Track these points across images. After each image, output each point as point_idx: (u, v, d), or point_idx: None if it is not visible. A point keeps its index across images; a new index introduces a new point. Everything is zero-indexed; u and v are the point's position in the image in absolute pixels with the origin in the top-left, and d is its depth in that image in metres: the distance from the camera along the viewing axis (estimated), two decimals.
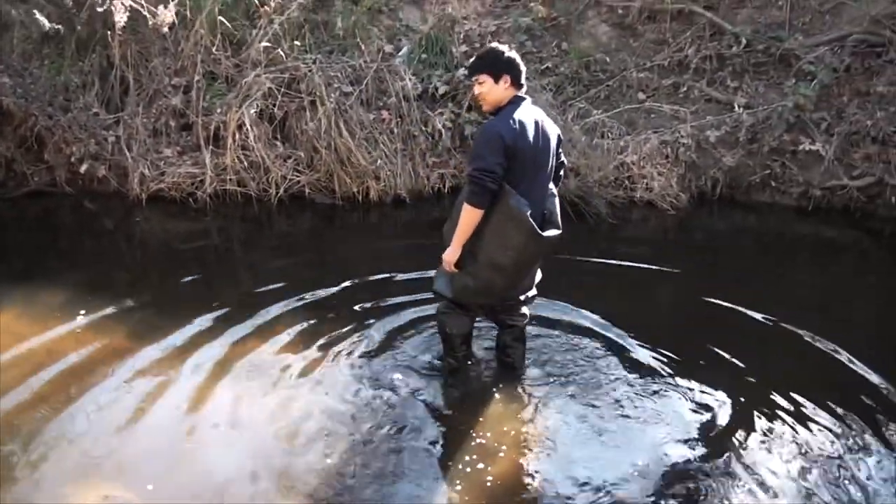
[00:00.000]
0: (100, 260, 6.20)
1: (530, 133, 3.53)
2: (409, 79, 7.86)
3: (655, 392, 4.00)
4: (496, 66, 3.58)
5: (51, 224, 7.09)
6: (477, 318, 4.16)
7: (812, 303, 5.43)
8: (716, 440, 3.60)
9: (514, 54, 3.66)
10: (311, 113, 7.49)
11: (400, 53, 8.21)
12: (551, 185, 3.80)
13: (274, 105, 7.53)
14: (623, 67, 8.56)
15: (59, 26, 7.68)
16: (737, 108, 8.00)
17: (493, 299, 3.92)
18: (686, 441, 3.59)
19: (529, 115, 3.61)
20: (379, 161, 7.52)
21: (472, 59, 3.71)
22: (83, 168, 7.38)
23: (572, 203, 7.01)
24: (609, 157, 7.66)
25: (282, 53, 7.67)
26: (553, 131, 3.75)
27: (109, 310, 4.85)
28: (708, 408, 3.87)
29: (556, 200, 3.80)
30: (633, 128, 8.07)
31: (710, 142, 7.86)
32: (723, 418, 3.78)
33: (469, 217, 3.51)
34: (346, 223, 7.23)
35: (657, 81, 8.43)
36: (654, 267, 5.98)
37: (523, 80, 3.68)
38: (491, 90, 3.59)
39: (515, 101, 3.61)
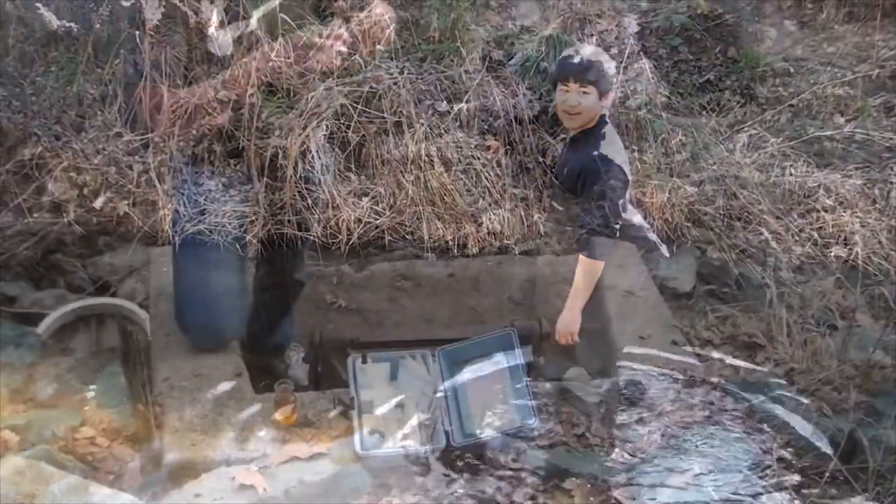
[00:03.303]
0: None
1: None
2: (524, 94, 7.62)
3: None
4: (608, 80, 3.87)
5: None
6: None
7: None
8: None
9: None
10: (395, 138, 7.29)
11: (512, 62, 8.03)
12: None
13: (347, 127, 7.06)
14: (814, 81, 8.21)
15: (72, 24, 7.46)
16: None
17: None
18: None
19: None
20: (480, 201, 7.24)
21: (577, 58, 3.87)
22: (98, 202, 7.28)
23: (739, 262, 6.67)
24: (792, 202, 7.27)
25: (360, 60, 7.42)
26: None
27: (90, 395, 4.53)
28: None
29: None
30: (827, 162, 7.67)
31: None
32: None
33: (595, 271, 3.94)
34: (436, 280, 7.02)
35: (861, 100, 8.04)
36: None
37: None
38: (594, 106, 3.85)
39: (605, 119, 4.00)
